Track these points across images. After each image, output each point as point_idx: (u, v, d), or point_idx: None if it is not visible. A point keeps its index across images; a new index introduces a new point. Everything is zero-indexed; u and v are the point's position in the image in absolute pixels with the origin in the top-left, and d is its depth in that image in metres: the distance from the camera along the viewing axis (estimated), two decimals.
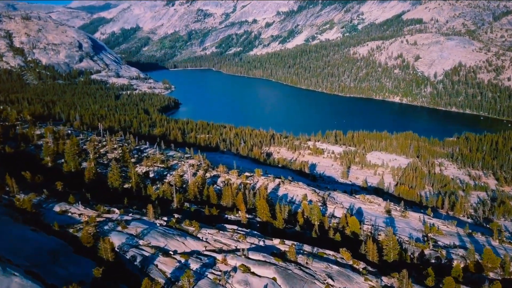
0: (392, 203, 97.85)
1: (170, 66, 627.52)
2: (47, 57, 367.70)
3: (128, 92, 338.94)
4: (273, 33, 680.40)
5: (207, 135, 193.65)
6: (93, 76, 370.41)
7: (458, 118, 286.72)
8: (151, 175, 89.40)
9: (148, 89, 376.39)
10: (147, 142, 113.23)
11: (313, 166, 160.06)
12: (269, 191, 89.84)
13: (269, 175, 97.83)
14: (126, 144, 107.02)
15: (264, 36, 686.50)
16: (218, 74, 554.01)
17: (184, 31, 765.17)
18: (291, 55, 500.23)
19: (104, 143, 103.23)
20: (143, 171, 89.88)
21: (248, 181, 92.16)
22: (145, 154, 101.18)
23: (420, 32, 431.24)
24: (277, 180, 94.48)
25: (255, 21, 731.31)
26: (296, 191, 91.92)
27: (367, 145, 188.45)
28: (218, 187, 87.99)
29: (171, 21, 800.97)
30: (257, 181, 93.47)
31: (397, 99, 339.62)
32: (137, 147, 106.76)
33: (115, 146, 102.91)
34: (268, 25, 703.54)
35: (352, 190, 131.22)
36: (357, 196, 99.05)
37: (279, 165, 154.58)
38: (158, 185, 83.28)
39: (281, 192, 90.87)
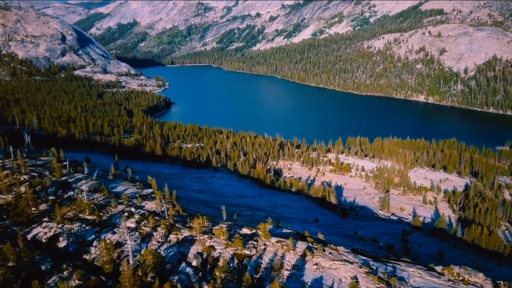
0: (502, 283, 55.12)
1: (167, 62, 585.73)
2: (25, 50, 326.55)
3: (114, 90, 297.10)
4: (277, 27, 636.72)
5: (197, 144, 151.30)
6: (76, 72, 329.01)
7: (498, 121, 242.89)
8: (63, 243, 47.02)
9: (138, 86, 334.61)
10: (86, 168, 70.56)
11: (338, 189, 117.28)
12: (287, 273, 47.24)
13: (284, 236, 54.97)
14: (48, 173, 64.80)
15: (268, 30, 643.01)
16: (218, 70, 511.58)
17: (184, 25, 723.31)
18: (298, 50, 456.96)
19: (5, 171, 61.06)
20: (48, 235, 47.55)
21: (247, 251, 49.50)
22: (71, 193, 58.82)
23: (442, 23, 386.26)
24: (300, 247, 51.70)
25: (258, 14, 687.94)
26: (337, 269, 49.17)
27: (403, 157, 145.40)
28: (188, 269, 45.48)
29: (170, 16, 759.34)
30: (263, 250, 50.74)
31: (421, 98, 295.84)
32: (64, 178, 64.24)
33: (23, 177, 60.81)
34: (272, 19, 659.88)
35: (404, 232, 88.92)
36: (439, 269, 56.27)
37: (292, 189, 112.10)
38: (66, 273, 41.01)
39: (309, 274, 48.08)
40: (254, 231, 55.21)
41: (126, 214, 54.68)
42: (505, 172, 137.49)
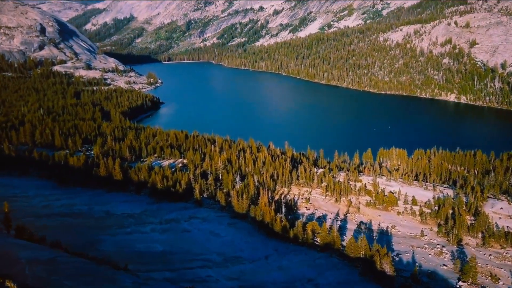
0: None
1: (164, 59, 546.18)
2: None
3: (95, 88, 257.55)
4: (282, 21, 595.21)
5: (179, 160, 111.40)
6: (55, 68, 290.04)
7: None
8: None
9: (126, 84, 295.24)
10: None
11: (384, 236, 76.97)
12: None
13: None
14: None
15: (272, 25, 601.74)
16: (218, 67, 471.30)
17: (183, 20, 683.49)
18: (305, 44, 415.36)
19: None
20: None
21: None
22: None
23: (467, 13, 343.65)
24: None
25: (261, 8, 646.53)
26: None
27: (461, 178, 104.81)
28: None
29: (168, 10, 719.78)
30: None
31: (452, 98, 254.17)
32: None
33: None
34: (276, 12, 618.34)
35: None
36: None
37: (316, 240, 71.85)
38: None
39: None
40: None
41: None
42: None
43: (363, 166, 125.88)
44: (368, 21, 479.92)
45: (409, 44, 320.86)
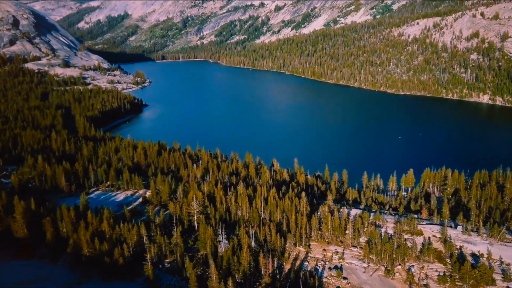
0: None
1: (158, 57, 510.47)
2: None
3: (68, 87, 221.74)
4: (284, 17, 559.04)
5: (140, 192, 75.02)
6: (27, 65, 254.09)
7: None
8: None
9: (108, 83, 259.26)
10: None
11: None
12: None
13: None
14: None
15: (273, 21, 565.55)
16: (215, 66, 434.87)
17: (179, 17, 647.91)
18: (310, 41, 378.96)
19: None
20: None
21: None
22: None
23: (489, 5, 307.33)
24: None
25: (262, 4, 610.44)
26: None
27: None
28: None
29: (164, 7, 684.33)
30: None
31: (485, 99, 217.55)
32: None
33: None
34: (278, 8, 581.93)
35: None
36: None
37: None
38: None
39: None
40: None
41: None
42: None
43: (405, 195, 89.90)
44: (377, 17, 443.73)
45: (429, 39, 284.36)
